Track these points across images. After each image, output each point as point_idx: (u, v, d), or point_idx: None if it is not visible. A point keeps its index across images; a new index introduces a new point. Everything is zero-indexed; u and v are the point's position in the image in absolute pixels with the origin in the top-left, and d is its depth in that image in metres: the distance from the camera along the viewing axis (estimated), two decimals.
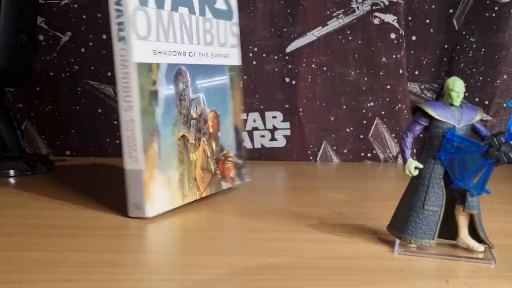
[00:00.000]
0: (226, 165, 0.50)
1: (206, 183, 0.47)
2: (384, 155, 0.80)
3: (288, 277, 0.30)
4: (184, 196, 0.45)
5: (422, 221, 0.34)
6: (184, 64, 0.45)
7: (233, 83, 0.51)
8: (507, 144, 0.32)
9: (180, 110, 0.44)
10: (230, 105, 0.51)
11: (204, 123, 0.47)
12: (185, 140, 0.45)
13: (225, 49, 0.50)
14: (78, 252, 0.34)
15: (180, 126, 0.44)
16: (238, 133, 0.52)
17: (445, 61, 0.82)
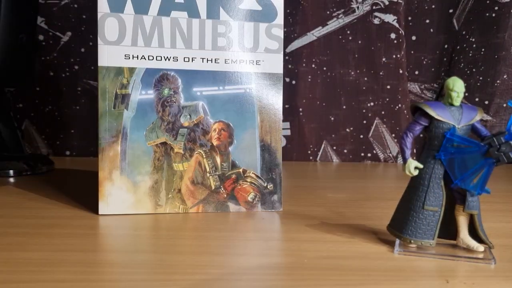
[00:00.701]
0: (240, 185, 0.45)
1: (198, 198, 0.45)
2: (384, 155, 0.80)
3: (288, 277, 0.30)
4: (158, 205, 0.44)
5: (422, 221, 0.34)
6: (173, 69, 0.44)
7: (265, 94, 0.46)
8: (507, 144, 0.32)
9: (163, 117, 0.44)
10: (256, 118, 0.46)
11: (204, 134, 0.45)
12: (167, 147, 0.44)
13: (253, 54, 0.46)
14: (78, 252, 0.34)
15: (159, 133, 0.44)
16: (269, 152, 0.46)
17: (445, 61, 0.82)
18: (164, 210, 0.44)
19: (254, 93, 0.46)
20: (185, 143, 0.44)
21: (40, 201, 0.48)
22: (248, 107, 0.46)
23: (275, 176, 0.46)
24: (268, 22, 0.46)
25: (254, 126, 0.46)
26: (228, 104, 0.45)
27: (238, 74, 0.45)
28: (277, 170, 0.46)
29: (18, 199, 0.49)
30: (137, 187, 0.43)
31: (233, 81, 0.45)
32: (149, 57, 0.43)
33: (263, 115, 0.46)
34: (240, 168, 0.46)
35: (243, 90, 0.46)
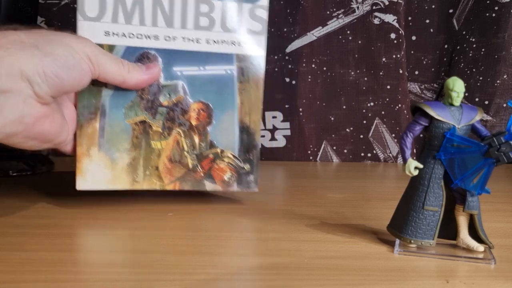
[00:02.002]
0: (217, 165, 0.46)
1: (175, 176, 0.45)
2: (384, 155, 0.80)
3: (288, 277, 0.30)
4: (135, 181, 0.44)
5: (422, 221, 0.34)
6: (154, 48, 0.43)
7: (246, 76, 0.45)
8: (507, 144, 0.32)
9: (142, 95, 0.43)
10: (236, 99, 0.46)
11: (183, 114, 0.45)
12: (146, 126, 0.44)
13: (235, 35, 0.45)
14: (78, 252, 0.34)
15: (139, 111, 0.44)
16: (248, 133, 0.46)
17: (445, 61, 0.82)
18: (141, 186, 0.44)
19: (235, 75, 0.45)
20: (164, 121, 0.44)
21: (40, 201, 0.48)
22: (228, 88, 0.45)
23: (252, 157, 0.46)
24: (252, 3, 0.45)
25: (233, 107, 0.46)
26: (208, 84, 0.45)
27: (220, 55, 0.45)
28: (255, 152, 0.47)
29: (18, 199, 0.49)
30: (115, 163, 0.43)
31: (214, 62, 0.45)
32: (130, 34, 0.43)
33: (243, 96, 0.46)
34: (218, 148, 0.46)
35: (223, 71, 0.45)
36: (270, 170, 0.71)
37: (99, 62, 0.38)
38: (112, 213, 0.44)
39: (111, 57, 0.40)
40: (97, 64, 0.38)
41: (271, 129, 0.80)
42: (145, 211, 0.45)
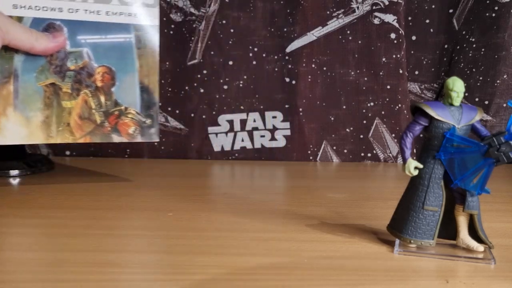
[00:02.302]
0: (122, 120, 0.52)
1: (85, 131, 0.51)
2: (384, 155, 0.80)
3: (287, 277, 0.30)
4: (49, 136, 0.50)
5: (422, 221, 0.34)
6: (59, 19, 0.49)
7: (143, 43, 0.53)
8: (507, 144, 0.32)
9: (51, 61, 0.49)
10: (135, 63, 0.52)
11: (89, 76, 0.51)
12: (56, 87, 0.50)
13: (131, 7, 0.52)
14: (78, 252, 0.34)
15: (48, 75, 0.49)
16: (148, 92, 0.53)
17: (445, 61, 0.82)
18: (55, 141, 0.51)
19: (133, 42, 0.52)
20: (72, 84, 0.50)
21: (40, 201, 0.48)
22: (128, 54, 0.52)
23: (153, 113, 0.54)
24: None
25: (134, 70, 0.53)
26: (110, 51, 0.52)
27: (119, 25, 0.52)
28: (155, 108, 0.54)
29: (18, 199, 0.49)
30: (30, 121, 0.49)
31: (114, 31, 0.52)
32: (36, 7, 0.49)
33: (141, 61, 0.53)
34: (122, 106, 0.53)
35: (123, 39, 0.52)
36: (270, 170, 0.71)
37: (8, 30, 0.44)
38: (112, 213, 0.44)
39: (20, 26, 0.46)
40: (7, 32, 0.44)
41: (271, 129, 0.80)
42: (145, 211, 0.45)
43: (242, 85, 0.80)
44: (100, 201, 0.49)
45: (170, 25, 0.79)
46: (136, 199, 0.50)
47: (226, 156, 0.80)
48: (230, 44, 0.79)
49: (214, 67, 0.79)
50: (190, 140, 0.80)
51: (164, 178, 0.63)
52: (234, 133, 0.80)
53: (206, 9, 0.78)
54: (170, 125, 0.81)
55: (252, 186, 0.61)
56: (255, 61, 0.79)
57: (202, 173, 0.68)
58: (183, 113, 0.80)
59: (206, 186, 0.60)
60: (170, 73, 0.80)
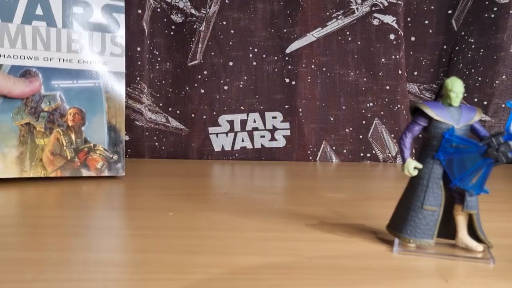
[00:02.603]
0: (91, 156, 0.57)
1: (57, 166, 0.56)
2: (383, 155, 0.80)
3: (287, 276, 0.30)
4: (23, 171, 0.55)
5: (421, 220, 0.34)
6: (35, 66, 0.55)
7: (110, 87, 0.59)
8: (506, 144, 0.32)
9: (26, 103, 0.54)
10: (104, 105, 0.58)
11: (61, 117, 0.56)
12: (30, 127, 0.55)
13: (100, 57, 0.58)
14: (78, 252, 0.34)
15: (24, 115, 0.54)
16: (115, 131, 0.59)
17: (444, 61, 0.82)
18: (28, 175, 0.55)
19: (102, 86, 0.58)
20: (46, 123, 0.55)
21: (40, 201, 0.49)
22: (97, 97, 0.58)
23: (119, 149, 0.59)
24: (112, 33, 0.59)
25: (102, 111, 0.58)
26: (80, 94, 0.57)
27: (89, 72, 0.58)
28: (121, 145, 0.59)
29: (18, 199, 0.49)
30: (5, 156, 0.54)
31: (85, 77, 0.57)
32: (14, 56, 0.54)
33: (109, 103, 0.59)
34: (91, 143, 0.58)
35: (93, 84, 0.58)
36: (270, 170, 0.72)
37: None
38: (112, 213, 0.45)
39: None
40: None
41: (271, 129, 0.80)
42: (145, 211, 0.45)
43: (242, 86, 0.80)
44: (100, 201, 0.49)
45: (171, 26, 0.79)
46: (136, 199, 0.50)
47: (226, 156, 0.80)
48: (230, 45, 0.79)
49: (215, 67, 0.79)
50: (190, 140, 0.80)
51: (164, 178, 0.63)
52: (235, 133, 0.80)
53: (206, 10, 0.78)
54: (171, 126, 0.81)
55: (252, 186, 0.61)
56: (255, 62, 0.79)
57: (202, 173, 0.68)
58: (184, 114, 0.80)
59: (206, 186, 0.60)
60: (170, 74, 0.80)
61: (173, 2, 0.79)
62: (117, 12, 0.59)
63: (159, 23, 0.79)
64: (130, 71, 0.77)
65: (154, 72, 0.80)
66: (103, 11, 0.58)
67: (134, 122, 0.79)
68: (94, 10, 0.58)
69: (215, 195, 0.54)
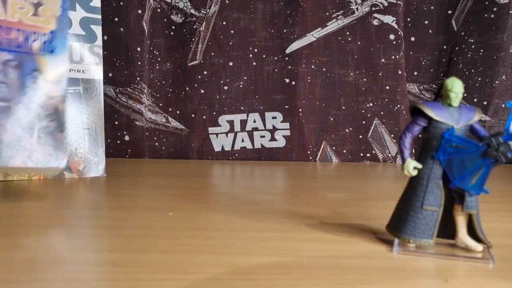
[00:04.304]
0: (73, 159, 0.59)
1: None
2: (383, 155, 0.80)
3: (287, 276, 0.30)
4: (7, 174, 0.57)
5: (420, 220, 0.34)
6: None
7: (90, 93, 0.62)
8: (505, 145, 0.32)
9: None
10: (84, 110, 0.62)
11: None
12: None
13: (80, 65, 0.61)
14: (78, 252, 0.34)
15: None
16: (95, 134, 0.62)
17: (444, 62, 0.82)
18: (12, 178, 0.57)
19: (82, 93, 0.62)
20: None
21: (40, 201, 0.49)
22: (78, 103, 0.61)
23: (100, 152, 0.62)
24: (91, 43, 0.62)
25: (82, 116, 0.61)
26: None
27: (70, 79, 0.61)
28: (101, 148, 0.62)
29: (18, 199, 0.49)
30: None
31: (69, 84, 0.60)
32: None
33: (89, 108, 0.62)
34: (73, 146, 0.60)
35: (73, 90, 0.61)
36: (270, 170, 0.72)
37: None
38: (112, 213, 0.45)
39: None
40: None
41: (271, 130, 0.80)
42: (145, 211, 0.46)
43: (242, 86, 0.80)
44: (100, 201, 0.49)
45: (171, 26, 0.79)
46: (136, 199, 0.51)
47: (226, 156, 0.80)
48: (230, 45, 0.79)
49: (215, 68, 0.79)
50: (190, 140, 0.80)
51: (164, 178, 0.63)
52: (234, 134, 0.80)
53: (206, 10, 0.78)
54: (171, 126, 0.81)
55: (252, 186, 0.61)
56: (255, 62, 0.79)
57: (202, 173, 0.68)
58: (184, 114, 0.80)
59: (206, 186, 0.60)
60: (170, 74, 0.80)
61: (173, 2, 0.79)
62: (95, 24, 0.62)
63: (159, 23, 0.79)
64: (130, 71, 0.77)
65: (154, 72, 0.80)
66: (81, 23, 0.61)
67: (134, 122, 0.79)
68: (73, 23, 0.61)
69: (215, 195, 0.55)
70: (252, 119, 0.80)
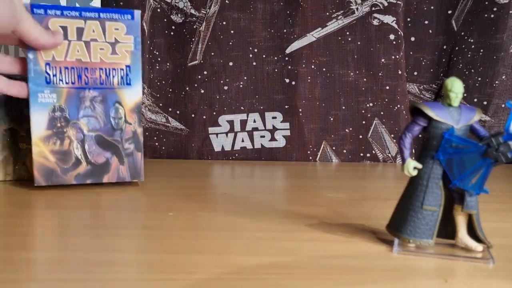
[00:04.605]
0: None
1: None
2: (383, 155, 0.80)
3: (287, 276, 0.30)
4: (7, 174, 0.57)
5: (420, 220, 0.35)
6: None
7: None
8: (505, 145, 0.32)
9: (11, 108, 0.56)
10: None
11: None
12: (14, 132, 0.56)
13: None
14: (78, 252, 0.34)
15: (7, 121, 0.56)
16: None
17: (444, 62, 0.82)
18: (12, 178, 0.57)
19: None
20: (28, 128, 0.55)
21: (40, 201, 0.49)
22: None
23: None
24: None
25: None
26: None
27: None
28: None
29: (18, 199, 0.49)
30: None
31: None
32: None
33: None
34: None
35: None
36: (270, 170, 0.72)
37: (23, 20, 0.45)
38: (113, 213, 0.45)
39: (32, 18, 0.46)
40: (21, 21, 0.44)
41: (271, 130, 0.80)
42: (145, 211, 0.46)
43: (242, 86, 0.80)
44: (99, 201, 0.49)
45: (171, 26, 0.79)
46: (136, 199, 0.51)
47: (226, 156, 0.80)
48: (230, 45, 0.79)
49: (215, 68, 0.79)
50: (190, 140, 0.80)
51: (164, 178, 0.63)
52: (234, 134, 0.80)
53: (206, 10, 0.79)
54: (171, 126, 0.81)
55: (252, 186, 0.61)
56: (255, 62, 0.79)
57: (202, 173, 0.68)
58: (184, 114, 0.80)
59: (206, 186, 0.60)
60: (170, 74, 0.80)
61: (173, 2, 0.79)
62: None
63: (159, 23, 0.79)
64: None
65: (154, 72, 0.80)
66: None
67: None
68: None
69: (215, 195, 0.55)
70: (252, 119, 0.80)
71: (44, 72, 0.51)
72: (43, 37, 0.48)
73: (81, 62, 0.52)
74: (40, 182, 0.52)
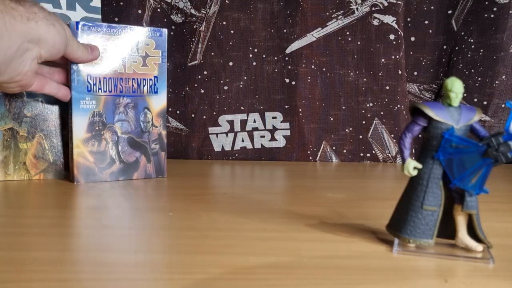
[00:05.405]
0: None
1: (40, 169, 0.59)
2: (383, 155, 0.80)
3: (287, 276, 0.30)
4: (7, 174, 0.57)
5: (420, 220, 0.35)
6: None
7: None
8: (505, 145, 0.32)
9: (10, 109, 0.56)
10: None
11: (43, 121, 0.58)
12: (14, 131, 0.57)
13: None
14: (78, 252, 0.34)
15: (7, 121, 0.56)
16: None
17: (444, 61, 0.82)
18: (12, 178, 0.57)
19: None
20: (28, 128, 0.58)
21: (40, 202, 0.49)
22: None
23: None
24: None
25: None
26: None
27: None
28: None
29: (18, 198, 0.49)
30: None
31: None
32: None
33: None
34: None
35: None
36: (270, 170, 0.72)
37: (69, 43, 0.50)
38: (113, 213, 0.45)
39: (75, 39, 0.52)
40: (68, 44, 0.50)
41: (271, 130, 0.80)
42: (145, 211, 0.46)
43: (242, 86, 0.80)
44: (99, 201, 0.49)
45: (171, 26, 0.79)
46: (137, 199, 0.51)
47: (226, 156, 0.80)
48: (230, 45, 0.79)
49: (215, 68, 0.79)
50: (190, 140, 0.80)
51: (164, 178, 0.63)
52: (234, 134, 0.80)
53: (206, 10, 0.79)
54: (171, 126, 0.81)
55: (252, 186, 0.61)
56: (255, 62, 0.79)
57: (202, 173, 0.68)
58: (184, 114, 0.80)
59: (206, 186, 0.60)
60: (170, 74, 0.80)
61: (173, 2, 0.79)
62: None
63: (159, 23, 0.79)
64: None
65: None
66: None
67: None
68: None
69: (215, 195, 0.55)
70: (252, 119, 0.80)
71: (86, 81, 0.56)
72: (84, 55, 0.53)
73: (117, 73, 0.57)
74: (80, 180, 0.57)
